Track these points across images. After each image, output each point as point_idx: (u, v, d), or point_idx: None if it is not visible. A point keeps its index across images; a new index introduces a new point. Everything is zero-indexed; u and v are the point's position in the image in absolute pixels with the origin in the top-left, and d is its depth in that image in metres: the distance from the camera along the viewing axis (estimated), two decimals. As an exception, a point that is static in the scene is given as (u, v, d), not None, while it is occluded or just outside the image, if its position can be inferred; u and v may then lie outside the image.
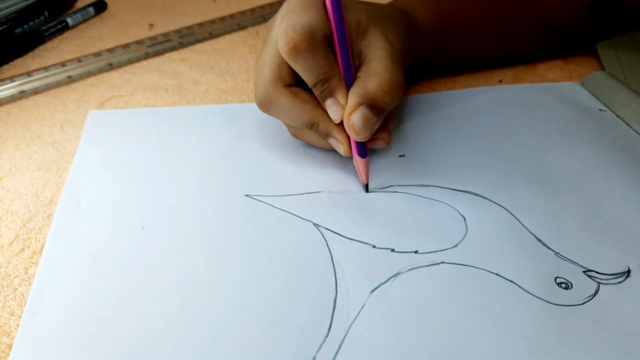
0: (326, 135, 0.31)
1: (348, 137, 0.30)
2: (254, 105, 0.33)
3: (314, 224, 0.29)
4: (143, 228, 0.29)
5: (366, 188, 0.32)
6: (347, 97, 0.30)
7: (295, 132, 0.34)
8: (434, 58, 0.40)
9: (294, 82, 0.31)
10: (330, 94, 0.29)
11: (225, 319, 0.24)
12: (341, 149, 0.31)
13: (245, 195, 0.31)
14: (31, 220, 0.30)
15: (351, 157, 0.31)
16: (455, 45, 0.40)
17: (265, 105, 0.31)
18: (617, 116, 0.38)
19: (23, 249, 0.28)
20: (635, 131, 0.36)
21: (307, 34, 0.28)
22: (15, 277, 0.27)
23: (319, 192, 0.32)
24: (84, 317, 0.25)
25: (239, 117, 0.38)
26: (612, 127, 0.37)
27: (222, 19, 0.53)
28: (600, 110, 0.39)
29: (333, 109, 0.30)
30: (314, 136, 0.33)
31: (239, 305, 0.25)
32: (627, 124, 0.37)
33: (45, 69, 0.43)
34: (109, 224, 0.29)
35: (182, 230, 0.29)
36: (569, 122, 0.37)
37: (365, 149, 0.31)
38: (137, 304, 0.25)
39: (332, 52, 0.30)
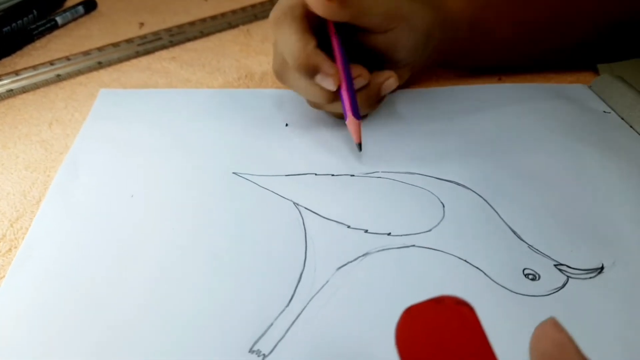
0: (314, 71, 0.31)
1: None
2: (255, 90, 0.40)
3: (294, 203, 0.30)
4: (132, 196, 0.31)
5: (359, 147, 0.33)
6: (334, 67, 0.30)
7: (281, 68, 0.34)
8: (465, 54, 0.39)
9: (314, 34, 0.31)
10: (315, 71, 0.30)
11: (198, 281, 0.26)
12: (330, 81, 0.30)
13: (233, 173, 0.32)
14: (18, 220, 0.30)
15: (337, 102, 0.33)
16: (492, 41, 0.39)
17: (275, 20, 0.31)
18: (622, 118, 0.38)
19: (10, 249, 0.28)
20: (638, 133, 0.36)
21: (285, 8, 0.29)
22: (1, 278, 0.26)
23: (305, 174, 0.32)
24: (72, 271, 0.26)
25: (241, 102, 0.39)
26: (614, 128, 0.37)
27: (213, 17, 0.52)
28: (604, 112, 0.38)
29: (324, 84, 0.30)
30: (297, 79, 0.33)
31: (210, 270, 0.27)
32: (631, 126, 0.37)
33: (34, 67, 0.43)
34: (102, 190, 0.31)
35: (168, 200, 0.31)
36: (568, 122, 0.37)
37: (358, 111, 0.32)
38: (120, 264, 0.27)
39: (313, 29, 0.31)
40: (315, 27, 0.31)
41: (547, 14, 0.39)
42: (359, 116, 0.32)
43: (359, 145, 0.33)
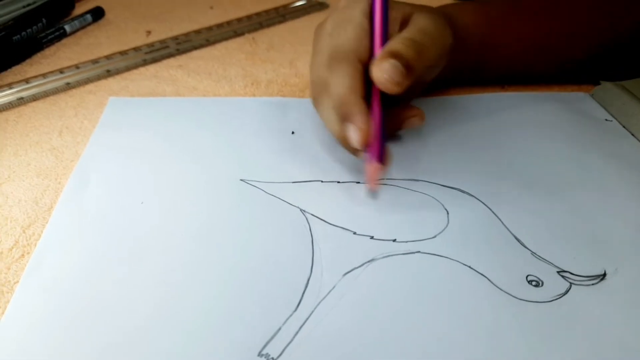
0: (346, 116, 0.29)
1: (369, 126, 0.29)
2: (261, 99, 0.41)
3: (300, 209, 0.31)
4: (142, 203, 0.31)
5: (373, 195, 0.32)
6: (367, 124, 0.29)
7: (319, 96, 0.33)
8: (474, 68, 0.40)
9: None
10: (348, 118, 0.29)
11: (207, 286, 0.27)
12: (356, 136, 0.29)
13: (240, 180, 0.33)
14: (30, 226, 0.30)
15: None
16: (499, 56, 0.39)
17: (334, 56, 0.31)
18: (623, 126, 0.38)
19: (23, 255, 0.28)
20: (639, 141, 0.37)
21: (347, 50, 0.30)
22: (15, 284, 0.27)
23: (311, 181, 0.33)
24: (83, 276, 0.27)
25: (248, 110, 0.40)
26: (616, 136, 0.37)
27: (219, 25, 0.53)
28: (606, 120, 0.39)
29: (352, 136, 0.29)
30: (331, 113, 0.31)
31: (219, 275, 0.27)
32: (632, 134, 0.37)
33: (43, 75, 0.44)
34: (112, 197, 0.32)
35: (177, 206, 0.31)
36: (570, 130, 0.38)
37: (385, 154, 0.30)
38: (130, 269, 0.27)
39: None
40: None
41: (554, 29, 0.40)
42: (383, 161, 0.30)
43: (373, 193, 0.32)
